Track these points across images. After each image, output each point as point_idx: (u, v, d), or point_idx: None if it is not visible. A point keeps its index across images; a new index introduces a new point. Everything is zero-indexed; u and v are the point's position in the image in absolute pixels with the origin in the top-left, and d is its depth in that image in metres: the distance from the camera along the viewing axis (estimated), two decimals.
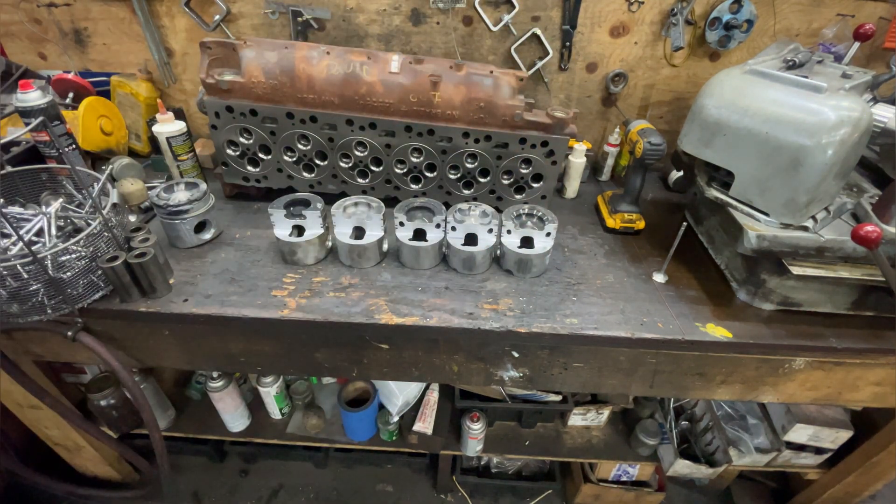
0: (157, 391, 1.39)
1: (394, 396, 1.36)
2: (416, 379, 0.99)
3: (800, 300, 0.89)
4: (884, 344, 0.86)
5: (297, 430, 1.46)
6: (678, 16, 1.13)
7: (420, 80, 0.97)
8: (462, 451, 1.45)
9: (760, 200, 0.84)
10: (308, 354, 0.95)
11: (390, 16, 1.18)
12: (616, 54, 1.23)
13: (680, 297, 0.93)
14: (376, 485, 1.70)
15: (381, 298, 0.88)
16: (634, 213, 1.09)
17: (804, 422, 1.32)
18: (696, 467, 1.33)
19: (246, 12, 1.19)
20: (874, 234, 0.67)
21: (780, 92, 0.79)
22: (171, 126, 1.08)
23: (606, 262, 1.02)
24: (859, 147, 0.77)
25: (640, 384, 0.96)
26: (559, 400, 1.44)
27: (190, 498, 1.61)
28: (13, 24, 1.24)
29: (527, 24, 1.18)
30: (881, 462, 1.26)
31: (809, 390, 0.97)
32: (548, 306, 0.88)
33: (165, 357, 0.97)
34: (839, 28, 1.15)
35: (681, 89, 1.29)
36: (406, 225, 0.93)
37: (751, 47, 1.21)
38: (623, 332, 0.84)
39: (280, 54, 0.96)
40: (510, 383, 0.98)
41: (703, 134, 0.87)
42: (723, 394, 0.98)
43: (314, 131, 1.03)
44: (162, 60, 1.27)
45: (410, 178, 1.10)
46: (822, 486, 1.44)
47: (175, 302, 0.85)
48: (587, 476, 1.55)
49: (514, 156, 1.05)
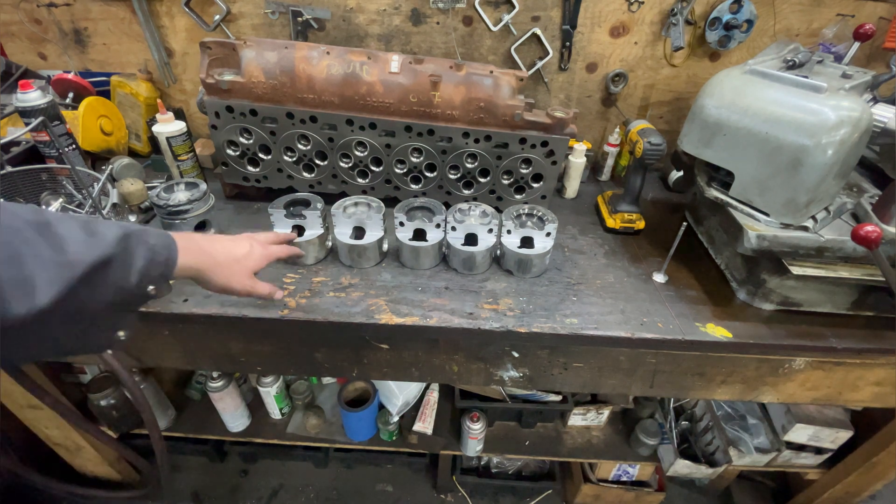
0: (157, 391, 1.39)
1: (394, 396, 1.36)
2: (416, 379, 0.99)
3: (800, 300, 0.89)
4: (884, 344, 0.86)
5: (297, 430, 1.46)
6: (678, 16, 1.13)
7: (420, 80, 0.97)
8: (462, 451, 1.45)
9: (760, 200, 0.84)
10: (308, 354, 0.95)
11: (390, 16, 1.18)
12: (616, 54, 1.23)
13: (680, 297, 0.93)
14: (376, 485, 1.70)
15: (381, 298, 0.88)
16: (634, 213, 1.09)
17: (804, 422, 1.32)
18: (696, 467, 1.33)
19: (246, 12, 1.19)
20: (874, 234, 0.67)
21: (780, 92, 0.79)
22: (171, 126, 1.08)
23: (606, 262, 1.02)
24: (859, 147, 0.77)
25: (640, 384, 0.96)
26: (559, 400, 1.44)
27: (190, 498, 1.61)
28: (13, 24, 1.24)
29: (527, 24, 1.18)
30: (881, 462, 1.26)
31: (809, 390, 0.97)
32: (548, 306, 0.88)
33: (165, 357, 0.97)
34: (839, 28, 1.15)
35: (681, 89, 1.29)
36: (406, 225, 0.93)
37: (751, 47, 1.21)
38: (623, 332, 0.84)
39: (280, 54, 0.96)
40: (510, 383, 0.98)
41: (703, 134, 0.87)
42: (723, 394, 0.98)
43: (314, 131, 1.03)
44: (162, 60, 1.27)
45: (410, 178, 1.10)
46: (822, 486, 1.44)
47: (175, 302, 0.85)
48: (587, 476, 1.55)
49: (514, 156, 1.05)
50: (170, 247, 0.53)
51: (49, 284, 0.40)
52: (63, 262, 0.41)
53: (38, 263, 0.40)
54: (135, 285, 0.48)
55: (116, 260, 0.46)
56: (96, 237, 0.45)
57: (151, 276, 0.50)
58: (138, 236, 0.49)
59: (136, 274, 0.48)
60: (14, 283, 0.38)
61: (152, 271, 0.50)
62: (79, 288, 0.42)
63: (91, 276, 0.43)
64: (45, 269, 0.40)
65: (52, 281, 0.40)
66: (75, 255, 0.42)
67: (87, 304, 0.44)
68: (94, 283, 0.44)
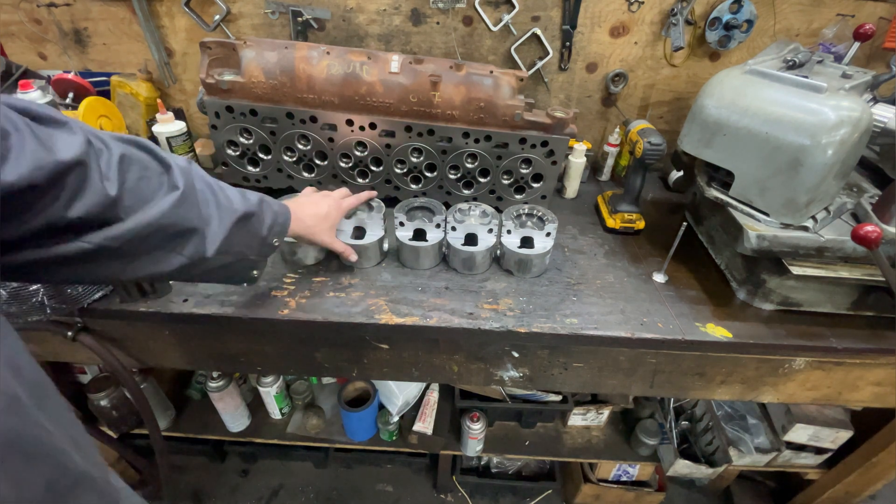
0: (157, 391, 1.39)
1: (394, 396, 1.36)
2: (416, 379, 0.99)
3: (800, 300, 0.89)
4: (884, 344, 0.86)
5: (297, 430, 1.46)
6: (678, 16, 1.13)
7: (420, 80, 0.97)
8: (462, 451, 1.45)
9: (760, 200, 0.84)
10: (308, 354, 0.95)
11: (390, 16, 1.18)
12: (616, 54, 1.23)
13: (680, 297, 0.93)
14: (376, 485, 1.70)
15: (381, 298, 0.88)
16: (634, 213, 1.09)
17: (804, 422, 1.32)
18: (696, 467, 1.33)
19: (246, 12, 1.19)
20: (874, 234, 0.67)
21: (780, 92, 0.79)
22: (171, 126, 1.09)
23: (606, 262, 1.02)
24: (859, 147, 0.77)
25: (640, 384, 0.96)
26: (559, 400, 1.44)
27: (190, 498, 1.61)
28: (13, 24, 1.24)
29: (527, 24, 1.18)
30: (881, 462, 1.26)
31: (809, 390, 0.97)
32: (548, 306, 0.88)
33: (165, 357, 0.97)
34: (839, 28, 1.15)
35: (681, 89, 1.29)
36: (406, 225, 0.93)
37: (751, 47, 1.21)
38: (623, 332, 0.84)
39: (280, 54, 0.96)
40: (510, 383, 0.98)
41: (703, 134, 0.87)
42: (723, 394, 0.98)
43: (314, 131, 1.03)
44: (162, 60, 1.27)
45: (410, 178, 1.11)
46: (822, 486, 1.44)
47: (175, 302, 0.85)
48: (587, 476, 1.55)
49: (514, 156, 1.05)
50: (286, 212, 0.72)
51: (220, 223, 0.58)
52: (229, 209, 0.59)
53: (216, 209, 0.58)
54: (265, 236, 0.67)
55: (256, 214, 0.64)
56: (246, 196, 0.63)
57: (275, 231, 0.68)
58: (268, 202, 0.68)
59: (266, 228, 0.66)
60: (203, 220, 0.56)
61: (276, 228, 0.68)
62: (234, 229, 0.60)
63: (243, 222, 0.61)
64: (219, 212, 0.58)
65: (222, 220, 0.58)
66: (238, 204, 0.61)
67: (236, 243, 0.61)
68: (243, 228, 0.62)
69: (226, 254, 0.60)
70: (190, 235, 0.55)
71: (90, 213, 0.45)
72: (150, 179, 0.52)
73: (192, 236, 0.56)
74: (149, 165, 0.52)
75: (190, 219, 0.55)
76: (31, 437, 0.37)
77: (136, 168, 0.50)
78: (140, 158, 0.51)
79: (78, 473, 0.42)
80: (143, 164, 0.51)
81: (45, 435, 0.38)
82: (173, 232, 0.54)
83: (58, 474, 0.40)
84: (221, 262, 0.61)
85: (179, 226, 0.54)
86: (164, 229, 0.52)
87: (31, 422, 0.38)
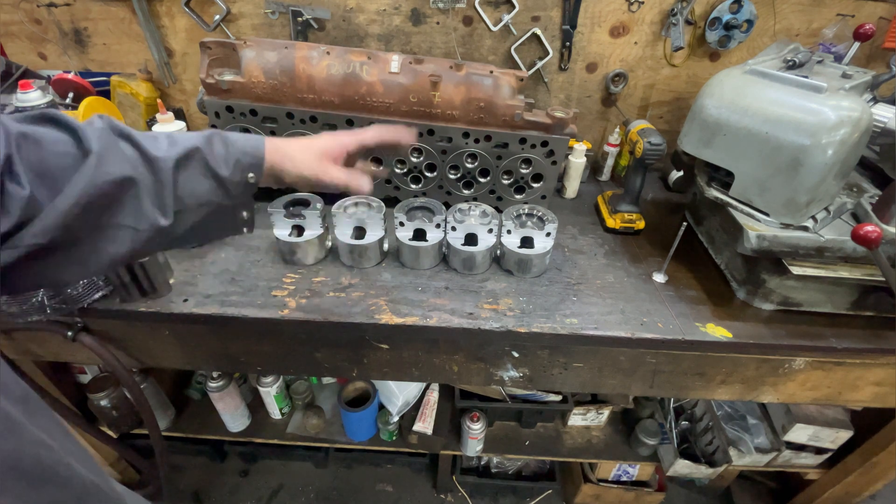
0: (157, 391, 1.39)
1: (394, 396, 1.36)
2: (416, 379, 0.99)
3: (800, 300, 0.89)
4: (884, 344, 0.86)
5: (297, 430, 1.46)
6: (678, 16, 1.13)
7: (420, 80, 0.97)
8: (462, 451, 1.45)
9: (760, 200, 0.84)
10: (308, 354, 0.95)
11: (390, 16, 1.18)
12: (616, 54, 1.23)
13: (680, 297, 0.93)
14: (376, 485, 1.70)
15: (381, 298, 0.88)
16: (634, 213, 1.09)
17: (804, 422, 1.32)
18: (696, 467, 1.33)
19: (246, 12, 1.19)
20: (874, 234, 0.67)
21: (780, 92, 0.79)
22: (171, 126, 1.08)
23: (606, 262, 1.02)
24: (859, 147, 0.77)
25: (640, 384, 0.96)
26: (559, 400, 1.44)
27: (190, 498, 1.61)
28: (13, 24, 1.24)
29: (527, 24, 1.18)
30: (881, 462, 1.26)
31: (809, 390, 0.97)
32: (548, 306, 0.88)
33: (165, 357, 0.97)
34: (839, 28, 1.15)
35: (681, 89, 1.29)
36: (406, 225, 0.93)
37: (751, 47, 1.21)
38: (623, 332, 0.84)
39: (280, 54, 0.96)
40: (510, 383, 0.98)
41: (703, 134, 0.87)
42: (723, 394, 0.98)
43: (314, 131, 1.03)
44: (162, 60, 1.27)
45: (410, 178, 1.11)
46: (822, 486, 1.44)
47: (175, 302, 0.85)
48: (587, 476, 1.55)
49: (514, 156, 1.05)
50: (256, 143, 0.60)
51: (155, 176, 0.50)
52: (162, 157, 0.50)
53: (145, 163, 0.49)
54: (227, 175, 0.56)
55: (200, 150, 0.54)
56: (182, 138, 0.54)
57: (243, 165, 0.58)
58: (223, 135, 0.58)
59: (222, 162, 0.56)
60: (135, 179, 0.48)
61: (243, 160, 0.58)
62: (177, 177, 0.51)
63: (184, 165, 0.52)
64: (151, 165, 0.50)
65: (159, 172, 0.50)
66: (168, 150, 0.51)
67: (188, 194, 0.53)
68: (189, 171, 0.53)
69: (183, 210, 0.52)
70: (124, 199, 0.48)
71: (11, 220, 0.41)
72: (59, 154, 0.45)
73: (129, 200, 0.48)
74: (55, 139, 0.45)
75: (118, 181, 0.47)
76: (31, 457, 0.35)
77: (35, 148, 0.43)
78: (41, 135, 0.44)
79: (82, 485, 0.40)
80: (48, 140, 0.45)
81: (44, 452, 0.37)
82: (105, 203, 0.46)
83: (65, 493, 0.38)
84: (191, 221, 0.54)
85: (109, 193, 0.46)
86: (92, 203, 0.45)
87: (28, 440, 0.36)
